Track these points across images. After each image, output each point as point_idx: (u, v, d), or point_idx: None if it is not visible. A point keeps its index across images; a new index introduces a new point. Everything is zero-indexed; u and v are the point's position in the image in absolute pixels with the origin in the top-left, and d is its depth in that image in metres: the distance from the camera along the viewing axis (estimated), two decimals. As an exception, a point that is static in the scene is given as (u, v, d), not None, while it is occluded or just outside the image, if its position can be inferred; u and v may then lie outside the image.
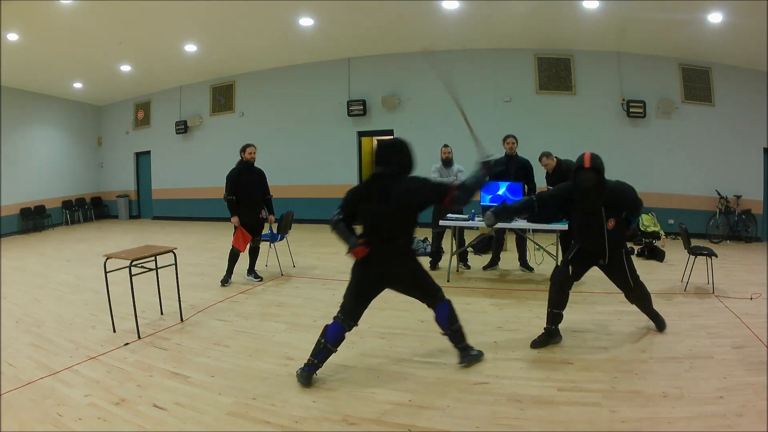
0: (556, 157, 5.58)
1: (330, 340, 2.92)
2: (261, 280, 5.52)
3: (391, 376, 3.03)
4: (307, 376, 2.92)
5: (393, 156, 2.90)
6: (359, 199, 2.92)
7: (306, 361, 2.94)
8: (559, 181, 5.38)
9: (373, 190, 2.86)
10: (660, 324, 3.72)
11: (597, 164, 3.14)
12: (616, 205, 3.29)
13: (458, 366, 3.13)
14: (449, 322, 3.08)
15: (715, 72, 8.35)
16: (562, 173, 5.38)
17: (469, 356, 3.14)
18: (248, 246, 5.46)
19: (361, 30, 8.61)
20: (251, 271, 5.60)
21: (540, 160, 5.57)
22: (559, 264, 3.62)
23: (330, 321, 2.99)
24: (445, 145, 5.85)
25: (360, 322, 3.01)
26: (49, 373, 3.13)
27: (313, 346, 2.95)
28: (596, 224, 3.29)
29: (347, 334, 2.99)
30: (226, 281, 5.42)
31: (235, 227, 5.30)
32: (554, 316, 3.47)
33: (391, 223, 2.83)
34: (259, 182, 5.46)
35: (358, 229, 2.95)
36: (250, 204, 5.34)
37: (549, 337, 3.48)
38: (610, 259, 3.42)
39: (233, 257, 5.39)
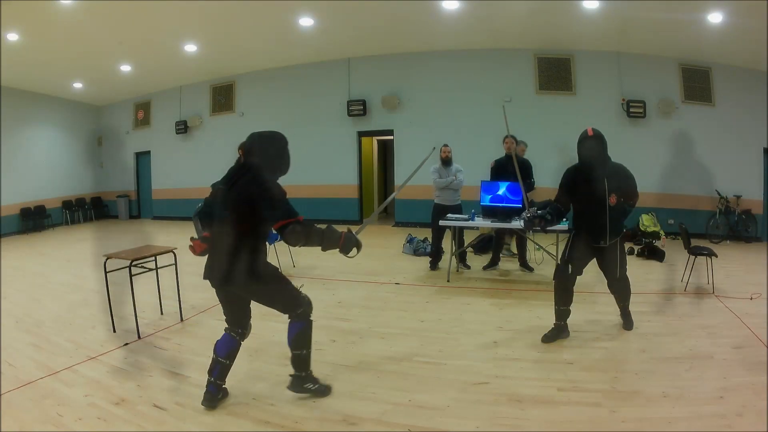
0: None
1: (219, 353, 2.65)
2: None
3: (391, 376, 3.03)
4: (207, 397, 2.64)
5: (257, 147, 2.58)
6: (217, 189, 2.64)
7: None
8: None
9: (226, 179, 2.58)
10: (628, 323, 3.78)
11: (599, 134, 3.37)
12: (617, 182, 3.41)
13: (458, 367, 3.12)
14: (293, 343, 2.68)
15: (715, 72, 8.35)
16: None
17: (300, 387, 2.75)
18: None
19: (361, 30, 8.61)
20: None
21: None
22: (559, 263, 3.68)
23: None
24: (445, 145, 5.86)
25: (360, 321, 3.01)
26: (49, 373, 3.13)
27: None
28: (599, 199, 3.39)
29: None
30: None
31: None
32: (561, 312, 3.60)
33: (229, 215, 2.49)
34: None
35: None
36: None
37: (558, 332, 3.60)
38: (610, 240, 3.47)
39: None
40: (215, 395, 2.66)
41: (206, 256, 2.67)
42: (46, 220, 11.22)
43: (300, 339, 2.68)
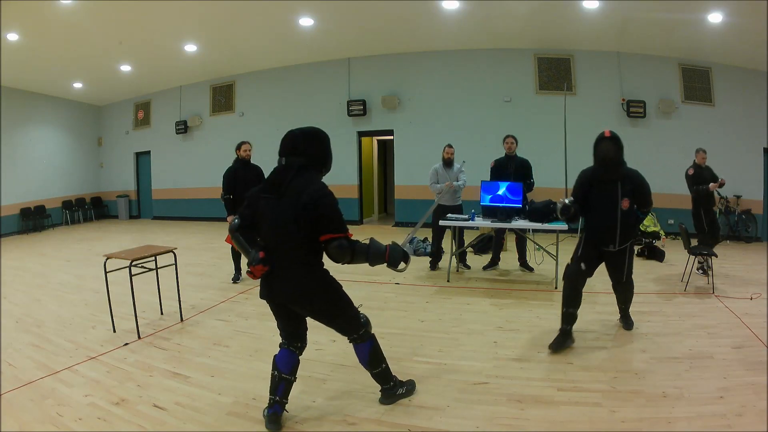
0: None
1: (283, 369, 2.47)
2: None
3: (391, 376, 3.03)
4: (273, 419, 2.45)
5: (302, 144, 2.32)
6: (258, 197, 2.34)
7: (268, 402, 2.49)
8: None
9: (271, 185, 2.31)
10: (628, 324, 3.78)
11: (615, 136, 3.37)
12: (631, 187, 3.39)
13: (458, 367, 3.12)
14: (370, 364, 2.60)
15: (715, 72, 8.35)
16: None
17: (393, 396, 2.70)
18: None
19: (361, 30, 8.61)
20: None
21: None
22: (569, 262, 3.59)
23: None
24: (449, 146, 5.83)
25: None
26: (49, 373, 3.13)
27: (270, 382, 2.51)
28: (612, 203, 3.38)
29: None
30: (236, 279, 5.50)
31: None
32: (568, 315, 3.45)
33: (285, 226, 2.24)
34: (256, 179, 5.48)
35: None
36: None
37: (565, 338, 3.42)
38: (619, 245, 3.42)
39: (235, 254, 5.48)
40: (280, 415, 2.49)
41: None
42: (46, 220, 11.22)
43: (374, 358, 2.59)
